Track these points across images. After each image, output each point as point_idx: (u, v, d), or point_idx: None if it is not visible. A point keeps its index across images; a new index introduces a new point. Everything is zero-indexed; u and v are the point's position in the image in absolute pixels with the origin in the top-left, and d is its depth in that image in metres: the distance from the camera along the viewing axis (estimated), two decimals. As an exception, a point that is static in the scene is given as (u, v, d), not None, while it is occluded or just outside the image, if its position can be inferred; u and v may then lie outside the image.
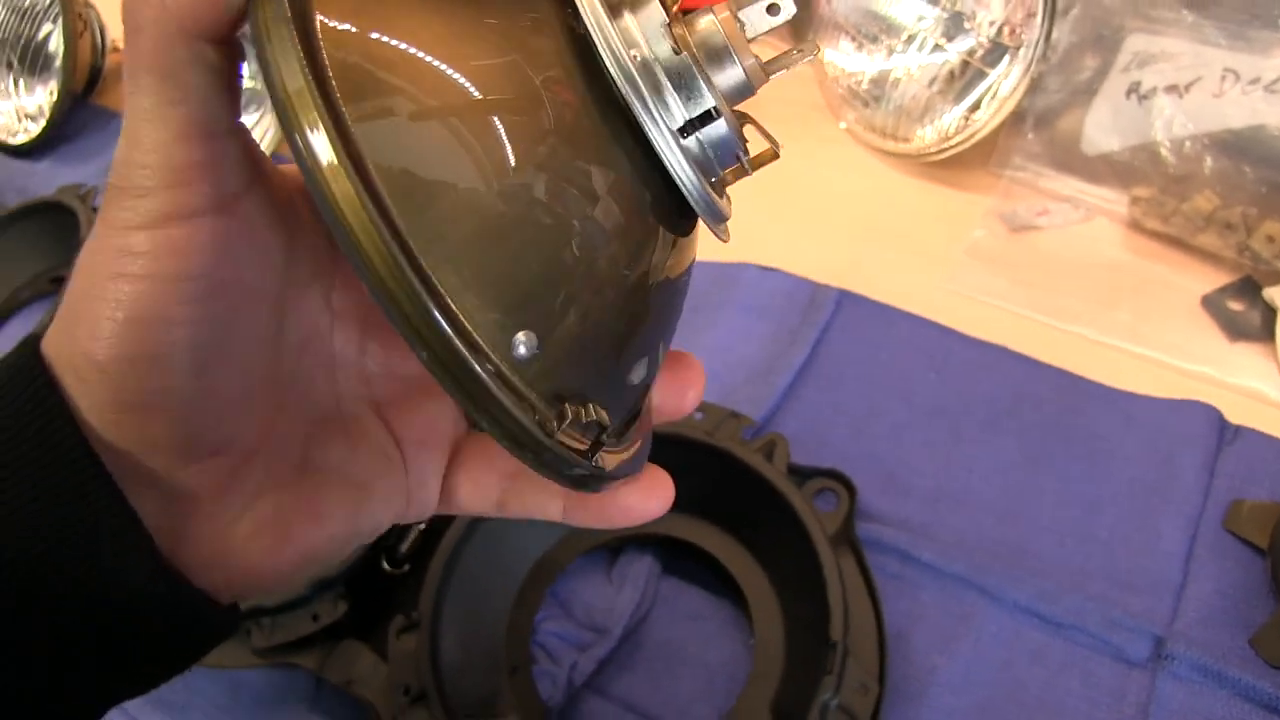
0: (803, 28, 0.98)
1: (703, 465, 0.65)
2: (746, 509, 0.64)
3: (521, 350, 0.28)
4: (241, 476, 0.35)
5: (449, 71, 0.28)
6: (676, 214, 0.33)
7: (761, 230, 0.81)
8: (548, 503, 0.40)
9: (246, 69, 1.07)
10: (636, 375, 0.34)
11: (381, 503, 0.39)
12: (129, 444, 0.31)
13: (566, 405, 0.30)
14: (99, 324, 0.30)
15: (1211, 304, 0.76)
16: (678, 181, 0.31)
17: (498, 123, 0.28)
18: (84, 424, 0.31)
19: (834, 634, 0.56)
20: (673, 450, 0.65)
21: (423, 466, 0.40)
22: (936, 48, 0.85)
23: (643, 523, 0.38)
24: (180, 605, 0.33)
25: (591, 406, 0.31)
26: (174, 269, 0.30)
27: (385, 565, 0.66)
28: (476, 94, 0.28)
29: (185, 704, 0.66)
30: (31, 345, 0.32)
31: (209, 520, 0.34)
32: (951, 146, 0.84)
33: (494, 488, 0.41)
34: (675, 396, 0.40)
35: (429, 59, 0.28)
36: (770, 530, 0.62)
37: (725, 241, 0.36)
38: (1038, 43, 0.79)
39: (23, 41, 1.13)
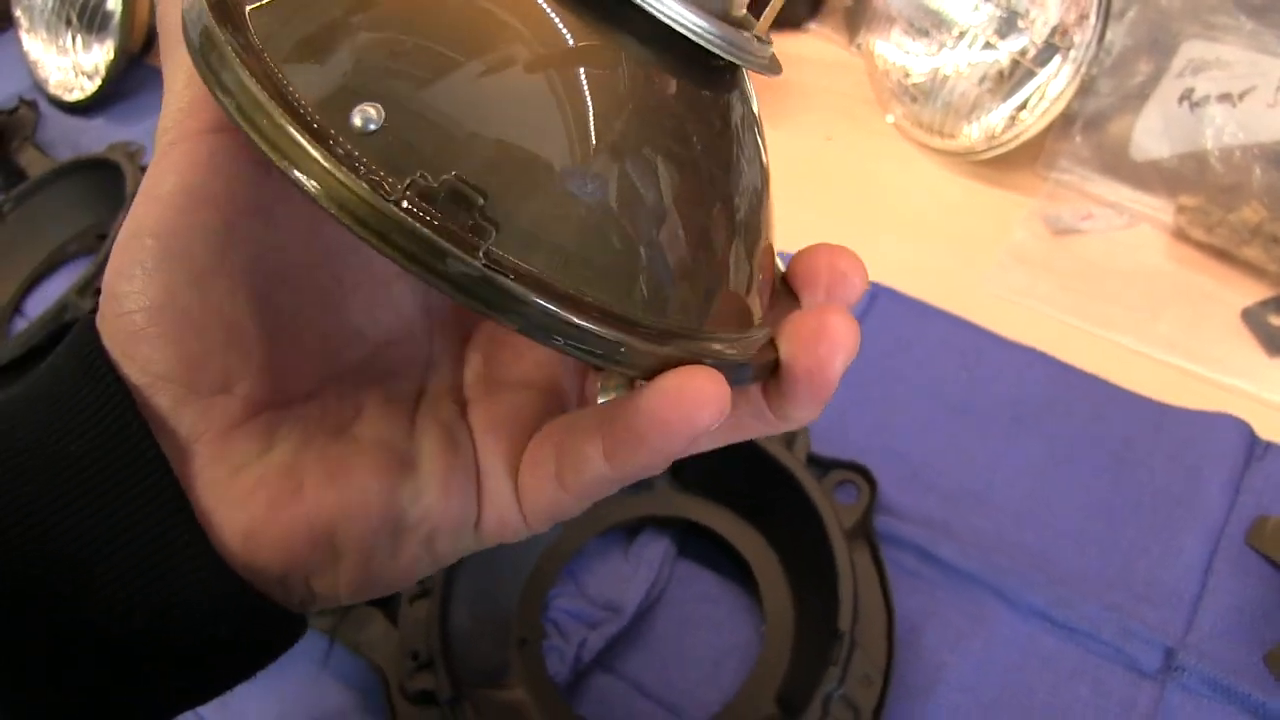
0: (857, 19, 0.97)
1: (722, 449, 0.65)
2: (764, 496, 0.64)
3: (357, 121, 0.26)
4: (251, 426, 0.34)
5: None
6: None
7: (803, 221, 0.80)
8: (588, 448, 0.33)
9: None
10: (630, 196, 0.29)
11: (434, 485, 0.36)
12: (136, 378, 0.32)
13: (420, 175, 0.26)
14: (118, 255, 0.32)
15: (1252, 317, 0.75)
16: None
17: None
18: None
19: (842, 625, 0.56)
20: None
21: (490, 451, 0.37)
22: (988, 45, 0.84)
23: (694, 434, 0.29)
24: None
25: (465, 186, 0.26)
26: (172, 184, 0.31)
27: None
28: None
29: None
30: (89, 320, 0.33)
31: (209, 466, 0.33)
32: (998, 145, 0.84)
33: (549, 459, 0.35)
34: (808, 348, 0.32)
35: None
36: (786, 518, 0.62)
37: (776, 72, 0.34)
38: (1089, 44, 0.79)
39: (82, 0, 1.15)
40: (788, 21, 1.03)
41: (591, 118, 0.28)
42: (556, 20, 0.28)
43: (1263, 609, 0.61)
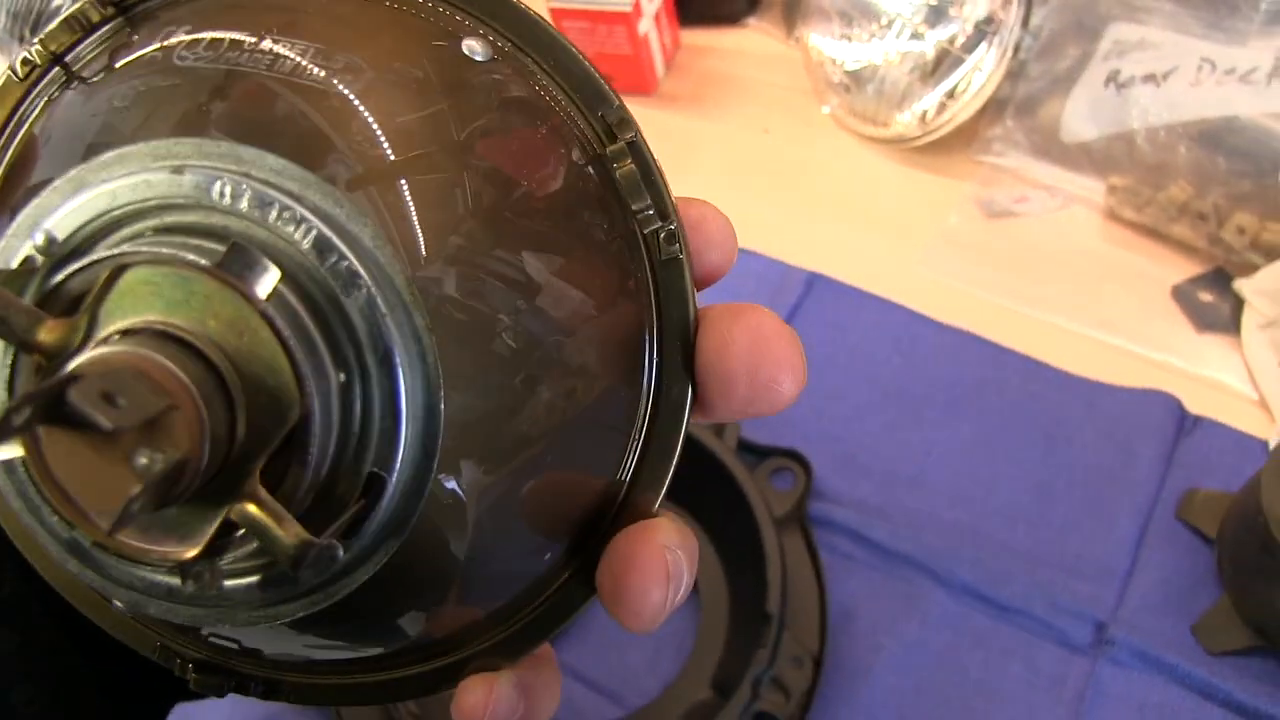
0: (794, 13, 0.98)
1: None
2: (697, 485, 0.64)
3: None
4: None
5: None
6: None
7: (744, 212, 0.81)
8: None
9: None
10: None
11: None
12: None
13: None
14: None
15: (1182, 294, 0.76)
16: None
17: None
18: None
19: (770, 608, 0.57)
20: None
21: None
22: (916, 35, 0.85)
23: None
24: None
25: None
26: None
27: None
28: None
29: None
30: None
31: None
32: (930, 132, 0.84)
33: None
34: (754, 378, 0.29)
35: None
36: (719, 506, 0.63)
37: None
38: (1013, 28, 0.80)
39: (34, 14, 1.14)
40: (727, 17, 1.04)
41: None
42: None
43: (1191, 581, 0.62)
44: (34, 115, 0.29)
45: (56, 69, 0.29)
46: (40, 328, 0.22)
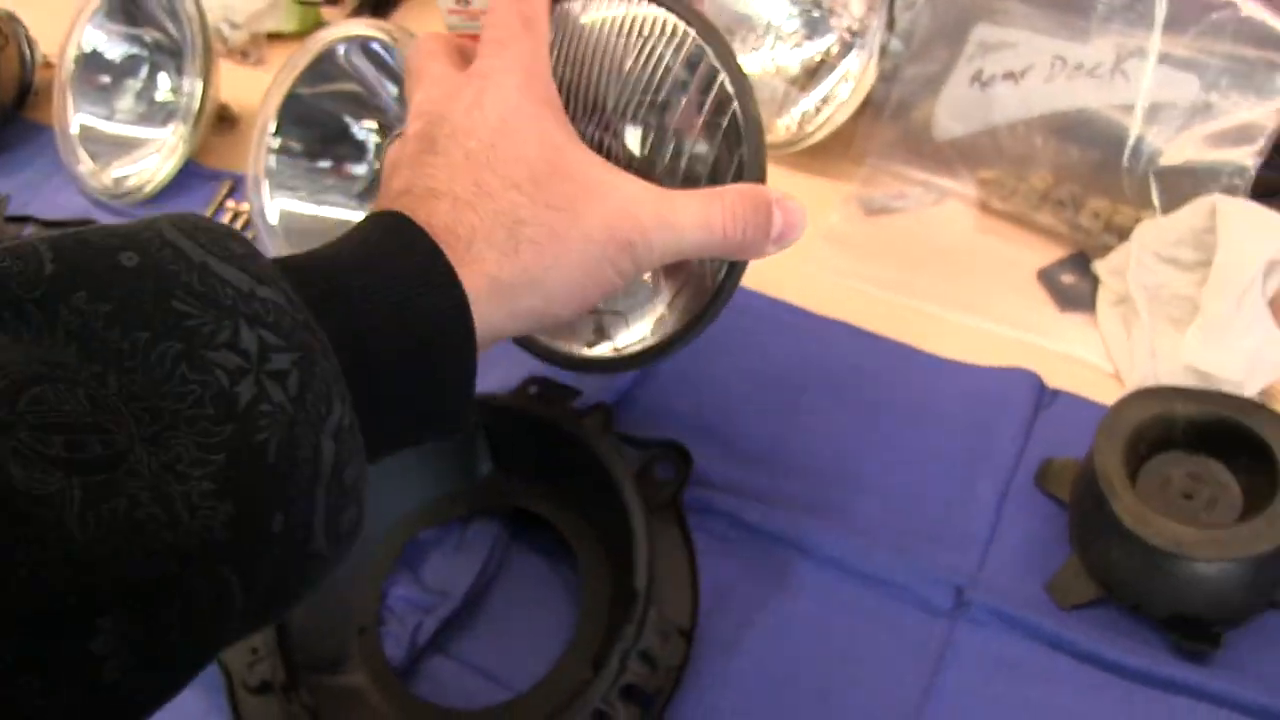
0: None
1: (540, 438, 0.69)
2: (579, 478, 0.68)
3: None
4: None
5: None
6: None
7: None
8: None
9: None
10: None
11: None
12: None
13: None
14: None
15: (1046, 277, 0.80)
16: None
17: None
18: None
19: (637, 585, 0.60)
20: (513, 424, 0.69)
21: None
22: (796, 45, 0.89)
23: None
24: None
25: None
26: None
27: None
28: None
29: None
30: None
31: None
32: (807, 137, 0.88)
33: None
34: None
35: None
36: (599, 497, 0.66)
37: None
38: (877, 31, 0.84)
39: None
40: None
41: None
42: None
43: (1046, 543, 0.66)
44: None
45: None
46: None
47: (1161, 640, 0.61)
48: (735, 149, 0.56)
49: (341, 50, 0.93)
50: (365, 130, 0.98)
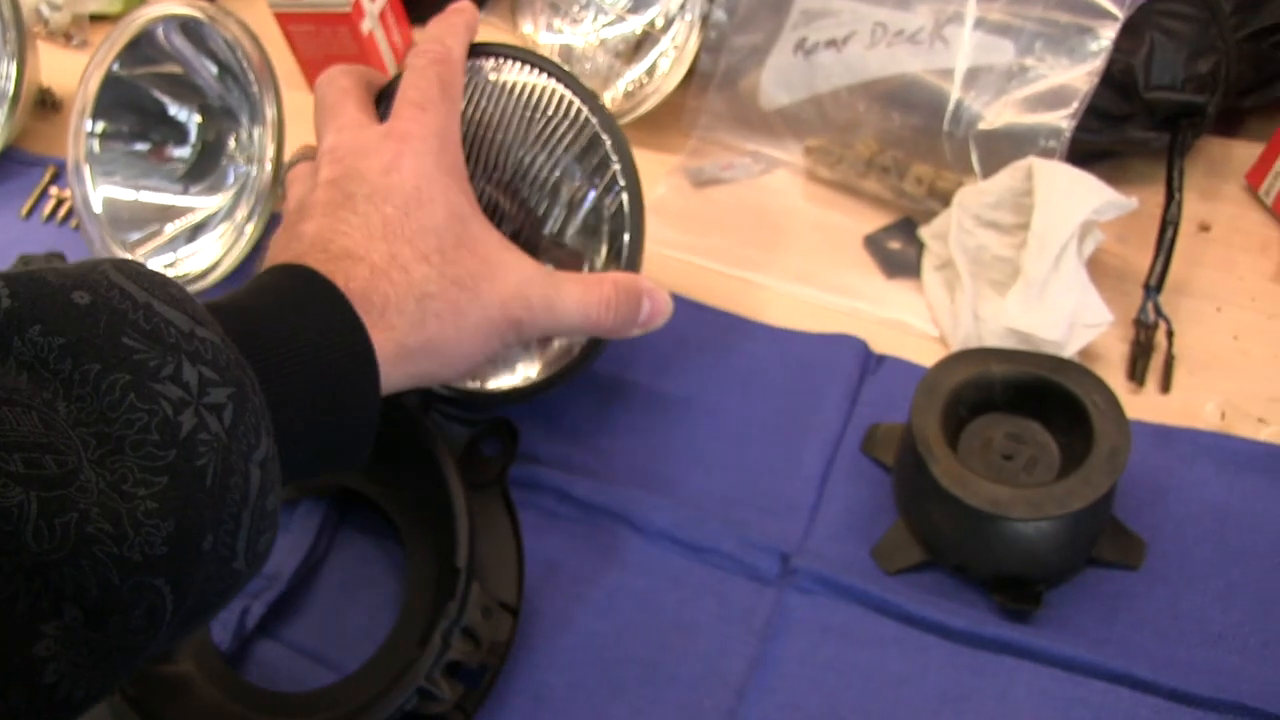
0: (504, 6, 1.00)
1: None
2: (403, 456, 0.66)
3: None
4: None
5: None
6: None
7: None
8: None
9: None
10: None
11: None
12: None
13: None
14: None
15: (873, 243, 0.80)
16: None
17: None
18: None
19: (458, 563, 0.59)
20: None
21: None
22: (619, 19, 0.88)
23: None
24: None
25: None
26: None
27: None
28: None
29: None
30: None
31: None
32: (631, 110, 0.87)
33: None
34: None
35: None
36: (423, 474, 0.64)
37: None
38: (700, 1, 0.83)
39: None
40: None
41: None
42: None
43: (871, 509, 0.66)
44: None
45: None
46: None
47: (986, 601, 0.61)
48: (619, 234, 0.66)
49: (160, 30, 0.89)
50: (185, 111, 0.95)
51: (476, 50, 0.66)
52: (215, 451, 0.40)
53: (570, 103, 0.65)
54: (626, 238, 0.66)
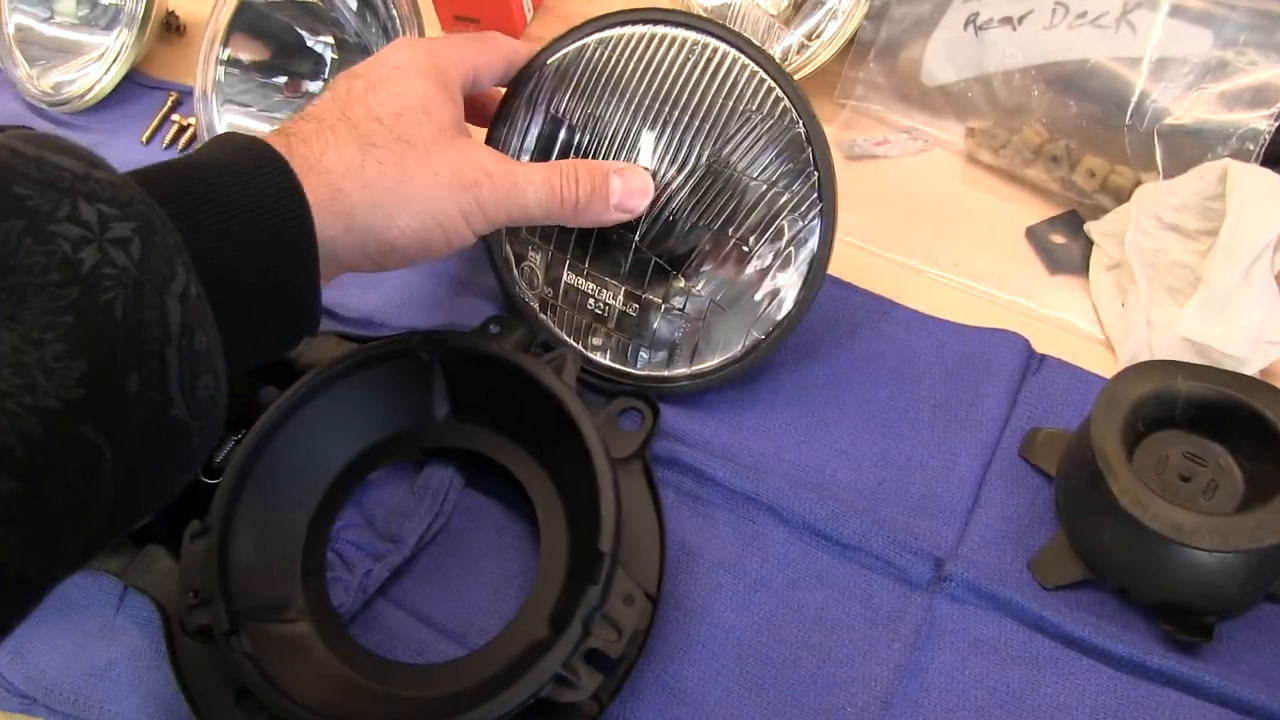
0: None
1: (499, 380, 0.65)
2: (539, 423, 0.63)
3: None
4: None
5: None
6: None
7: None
8: None
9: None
10: None
11: None
12: None
13: None
14: None
15: (1035, 236, 0.76)
16: None
17: None
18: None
19: (603, 546, 0.56)
20: (473, 366, 0.65)
21: None
22: (781, -25, 0.84)
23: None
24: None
25: None
26: None
27: (201, 475, 0.66)
28: None
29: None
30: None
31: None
32: (791, 73, 0.83)
33: None
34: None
35: None
36: (560, 445, 0.62)
37: None
38: (870, -34, 0.79)
39: None
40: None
41: None
42: None
43: (1030, 518, 0.63)
44: None
45: None
46: None
47: (1149, 627, 0.58)
48: (802, 245, 0.66)
49: (298, -42, 0.87)
50: (322, 44, 0.92)
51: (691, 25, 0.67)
52: (124, 286, 0.39)
53: (777, 97, 0.67)
54: (813, 246, 0.66)
